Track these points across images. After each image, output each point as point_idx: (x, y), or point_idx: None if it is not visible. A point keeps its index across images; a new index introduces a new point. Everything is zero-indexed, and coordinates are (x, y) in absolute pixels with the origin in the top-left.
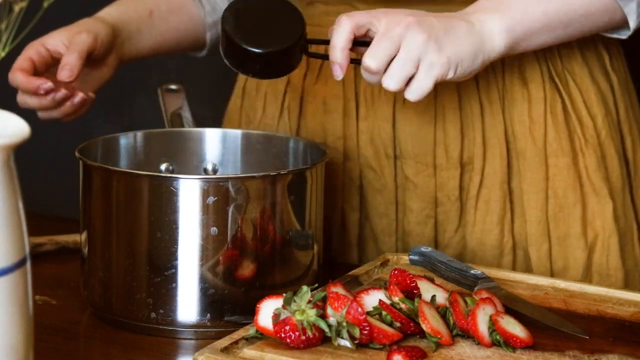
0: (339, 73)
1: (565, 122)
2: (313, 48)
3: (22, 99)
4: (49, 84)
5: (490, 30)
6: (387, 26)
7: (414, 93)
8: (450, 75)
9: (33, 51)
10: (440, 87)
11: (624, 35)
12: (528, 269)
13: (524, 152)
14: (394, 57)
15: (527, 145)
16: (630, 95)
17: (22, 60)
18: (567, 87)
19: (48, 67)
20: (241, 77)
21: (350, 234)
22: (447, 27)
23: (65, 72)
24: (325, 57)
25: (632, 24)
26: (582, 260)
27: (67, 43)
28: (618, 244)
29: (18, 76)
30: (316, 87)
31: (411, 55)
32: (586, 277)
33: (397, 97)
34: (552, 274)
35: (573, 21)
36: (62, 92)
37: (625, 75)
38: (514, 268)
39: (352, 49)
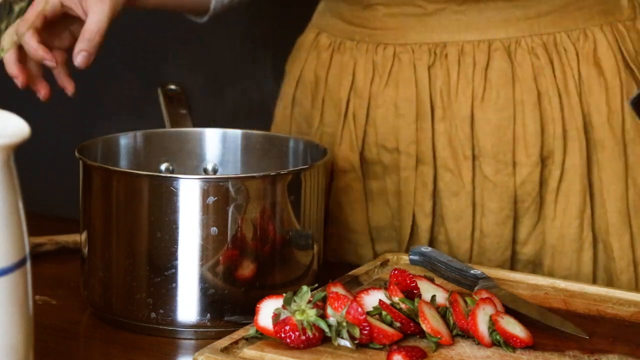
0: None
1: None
2: None
3: (10, 59)
4: (52, 64)
5: None
6: None
7: None
8: None
9: (50, 7)
10: (518, 82)
11: None
12: (609, 261)
13: (603, 141)
14: None
15: (606, 134)
16: None
17: (36, 16)
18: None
19: (56, 22)
20: (289, 85)
21: (421, 240)
22: None
23: (81, 60)
24: None
25: None
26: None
27: (83, 3)
28: None
29: (29, 35)
30: (386, 92)
31: None
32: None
33: (475, 95)
34: (634, 265)
35: None
36: (60, 77)
37: None
38: (594, 262)
39: None
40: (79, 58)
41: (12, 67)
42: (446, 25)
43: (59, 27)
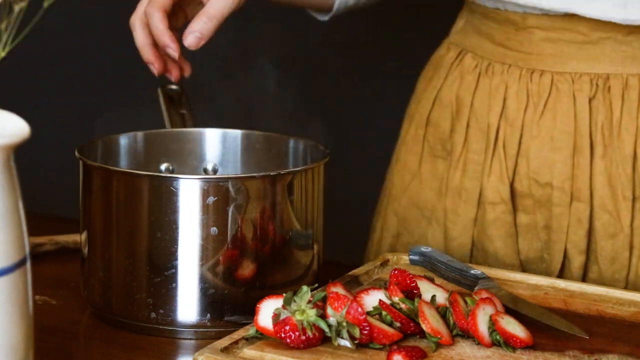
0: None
1: None
2: None
3: (144, 43)
4: (174, 54)
5: None
6: None
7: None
8: None
9: None
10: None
11: None
12: None
13: None
14: None
15: None
16: None
17: None
18: None
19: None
20: (423, 105)
21: (573, 275)
22: None
23: (191, 40)
24: None
25: None
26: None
27: None
28: None
29: (157, 17)
30: (541, 122)
31: None
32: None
33: (639, 133)
34: None
35: None
36: (175, 63)
37: None
38: None
39: None
40: (190, 37)
41: (148, 53)
42: (610, 56)
43: (176, 6)
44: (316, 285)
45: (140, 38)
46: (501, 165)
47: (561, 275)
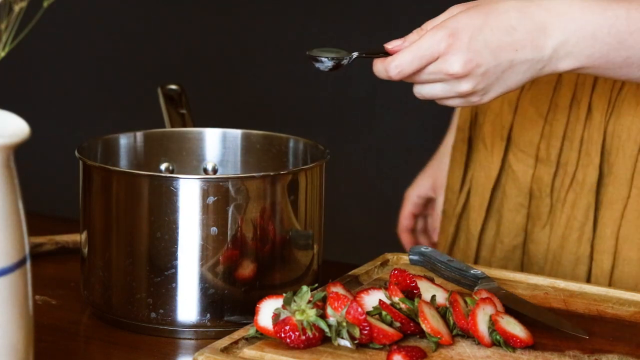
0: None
1: None
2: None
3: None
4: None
5: (560, 62)
6: (439, 65)
7: (437, 101)
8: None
9: (411, 206)
10: (560, 84)
11: None
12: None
13: (613, 166)
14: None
15: (618, 160)
16: None
17: (406, 219)
18: None
19: (423, 211)
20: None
21: (453, 206)
22: (506, 68)
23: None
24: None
25: None
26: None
27: (435, 189)
28: None
29: (404, 237)
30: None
31: (448, 94)
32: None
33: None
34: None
35: None
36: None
37: None
38: (588, 278)
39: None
40: (435, 234)
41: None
42: None
43: None
44: (316, 285)
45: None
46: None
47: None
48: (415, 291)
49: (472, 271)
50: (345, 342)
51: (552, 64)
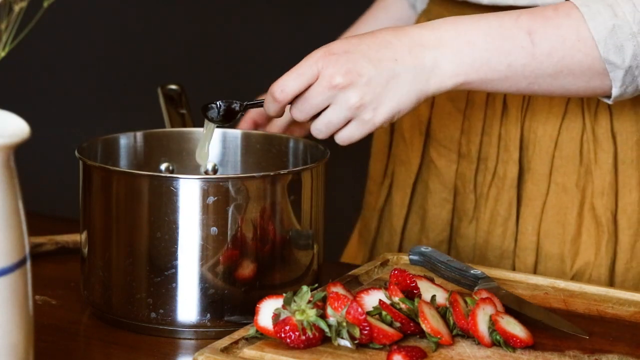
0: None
1: (580, 142)
2: None
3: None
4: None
5: (444, 71)
6: (321, 81)
7: (341, 140)
8: (387, 124)
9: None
10: None
11: (606, 100)
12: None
13: (530, 163)
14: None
15: (535, 156)
16: None
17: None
18: (594, 106)
19: None
20: None
21: (376, 202)
22: (389, 78)
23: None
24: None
25: (615, 92)
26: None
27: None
28: (607, 279)
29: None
30: None
31: (340, 116)
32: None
33: None
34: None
35: (539, 80)
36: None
37: None
38: (513, 270)
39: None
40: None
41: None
42: None
43: None
44: (316, 285)
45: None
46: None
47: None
48: (415, 291)
49: (472, 271)
50: (345, 342)
51: (437, 76)
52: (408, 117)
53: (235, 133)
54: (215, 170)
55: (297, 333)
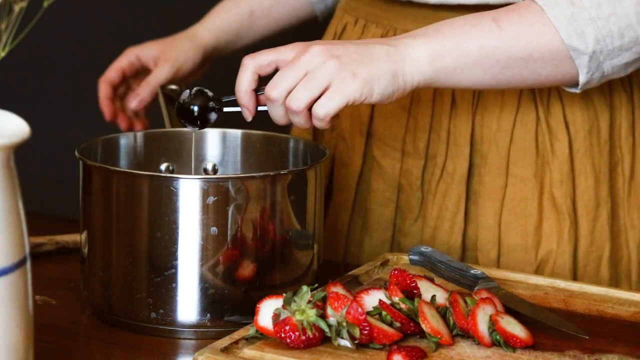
0: (247, 115)
1: (535, 134)
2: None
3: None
4: (110, 117)
5: (416, 54)
6: (293, 56)
7: (319, 110)
8: (365, 97)
9: (126, 61)
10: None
11: (574, 90)
12: None
13: (487, 157)
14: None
15: (491, 150)
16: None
17: (114, 71)
18: (546, 98)
19: (137, 74)
20: None
21: None
22: (362, 51)
23: (134, 103)
24: (237, 105)
25: (582, 79)
26: (530, 273)
27: (157, 61)
28: (570, 265)
29: (103, 88)
30: None
31: (318, 78)
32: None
33: None
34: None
35: (511, 64)
36: (122, 125)
37: (635, 91)
38: None
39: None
40: (134, 101)
41: (102, 104)
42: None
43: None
44: (316, 285)
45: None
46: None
47: None
48: (415, 291)
49: (472, 271)
50: (345, 342)
51: (412, 58)
52: (348, 118)
53: (236, 133)
54: (215, 170)
55: (297, 333)
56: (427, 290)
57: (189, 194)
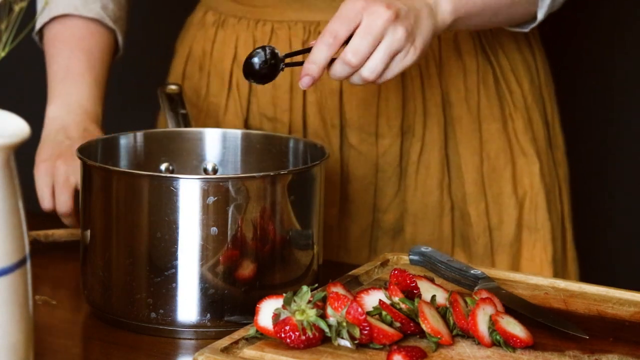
0: (307, 83)
1: (496, 90)
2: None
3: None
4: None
5: (443, 10)
6: (368, 22)
7: (382, 79)
8: (421, 57)
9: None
10: None
11: (526, 28)
12: (466, 227)
13: (460, 119)
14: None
15: (463, 112)
16: (547, 62)
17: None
18: (497, 58)
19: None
20: (178, 62)
21: None
22: (415, 16)
23: (66, 220)
24: (300, 64)
25: (540, 16)
26: (514, 216)
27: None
28: (545, 200)
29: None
30: None
31: (392, 49)
32: (518, 231)
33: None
34: (489, 230)
35: (501, 10)
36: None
37: (542, 46)
38: (452, 226)
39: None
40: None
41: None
42: (321, 6)
43: None
44: (316, 285)
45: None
46: (236, 104)
47: None
48: (415, 291)
49: (472, 271)
50: (345, 342)
51: (440, 13)
52: (317, 115)
53: (235, 133)
54: (215, 170)
55: (297, 333)
56: (427, 290)
57: (189, 194)
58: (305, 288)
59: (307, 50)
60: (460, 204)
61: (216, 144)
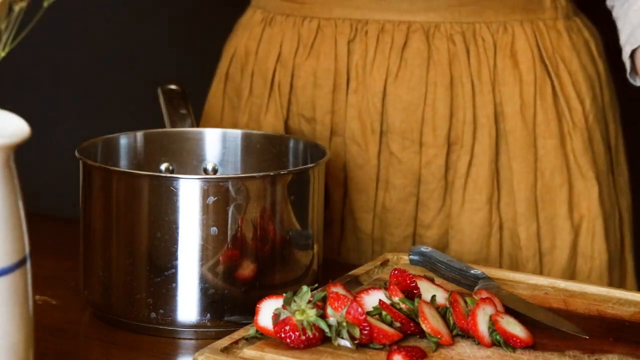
0: None
1: (554, 105)
2: None
3: None
4: None
5: None
6: None
7: None
8: None
9: None
10: (433, 65)
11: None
12: (515, 248)
13: (514, 132)
14: None
15: (517, 125)
16: (612, 83)
17: None
18: (557, 70)
19: None
20: (223, 63)
21: (334, 211)
22: None
23: None
24: None
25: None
26: (569, 241)
27: None
28: (603, 227)
29: None
30: (307, 63)
31: None
32: (572, 258)
33: (389, 72)
34: (540, 254)
35: None
36: None
37: (608, 63)
38: (500, 247)
39: None
40: None
41: None
42: (369, 4)
43: None
44: (316, 285)
45: None
46: (276, 104)
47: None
48: (415, 291)
49: (472, 271)
50: (345, 342)
51: None
52: (356, 120)
53: (235, 133)
54: (215, 170)
55: (297, 333)
56: (427, 290)
57: (189, 194)
58: (305, 288)
59: None
60: (509, 223)
61: (216, 144)
